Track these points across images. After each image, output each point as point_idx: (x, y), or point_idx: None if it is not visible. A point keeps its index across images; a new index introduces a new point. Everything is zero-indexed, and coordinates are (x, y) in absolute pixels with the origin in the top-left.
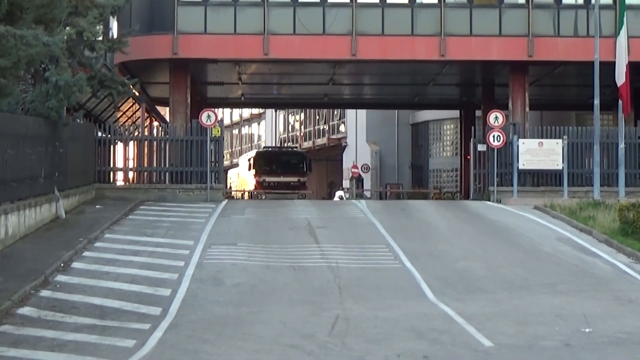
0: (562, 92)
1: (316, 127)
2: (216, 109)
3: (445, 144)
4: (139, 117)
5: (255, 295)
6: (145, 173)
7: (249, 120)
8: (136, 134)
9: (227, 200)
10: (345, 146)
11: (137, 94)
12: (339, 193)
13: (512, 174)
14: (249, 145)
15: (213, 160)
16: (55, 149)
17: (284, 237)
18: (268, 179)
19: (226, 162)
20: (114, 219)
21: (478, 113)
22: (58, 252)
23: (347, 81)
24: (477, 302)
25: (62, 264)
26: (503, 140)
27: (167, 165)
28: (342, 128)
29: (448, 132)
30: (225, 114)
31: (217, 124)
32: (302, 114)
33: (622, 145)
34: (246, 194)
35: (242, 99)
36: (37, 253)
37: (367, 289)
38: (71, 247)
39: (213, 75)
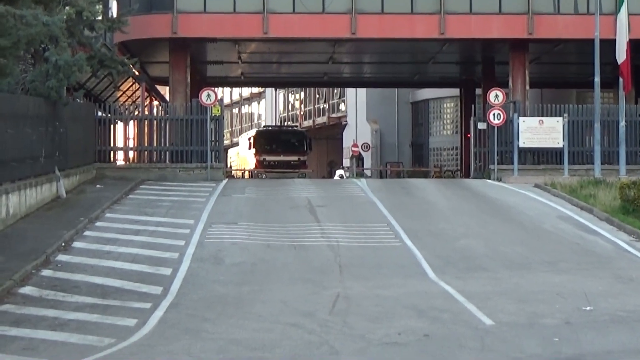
0: (563, 70)
1: (316, 106)
2: (216, 88)
3: (445, 122)
4: (138, 97)
5: (255, 274)
6: (146, 152)
7: (249, 99)
8: (136, 113)
9: (227, 179)
10: (345, 125)
11: (136, 73)
12: (339, 172)
13: (512, 152)
14: (249, 124)
15: (213, 139)
16: (55, 129)
17: (285, 216)
18: (268, 158)
19: (226, 141)
20: (115, 198)
21: (478, 91)
22: (59, 231)
23: (346, 60)
24: (478, 281)
25: (63, 244)
26: (503, 119)
27: (167, 145)
28: (342, 107)
29: (448, 110)
30: (225, 93)
31: (217, 103)
32: (302, 93)
33: (622, 123)
34: (246, 173)
35: (242, 78)
36: (38, 232)
37: (367, 267)
38: (72, 227)
39: (213, 54)
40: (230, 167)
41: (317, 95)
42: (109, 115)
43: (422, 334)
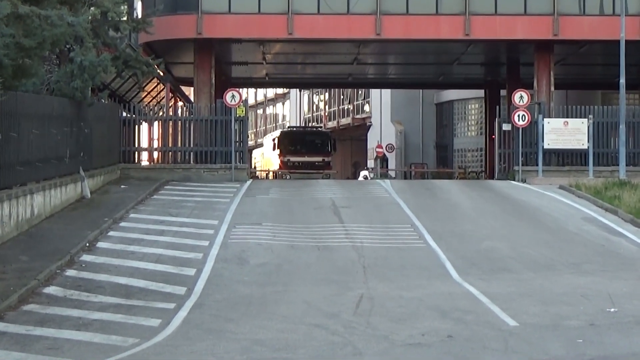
0: (588, 71)
1: (340, 107)
2: (240, 89)
3: (469, 123)
4: (163, 97)
5: (279, 275)
6: (170, 153)
7: (273, 100)
8: (161, 114)
9: (251, 180)
10: (369, 126)
11: (161, 74)
12: (363, 173)
13: (537, 154)
14: (274, 125)
15: (237, 140)
16: (80, 129)
17: (309, 217)
18: (292, 158)
19: (250, 142)
20: (139, 198)
21: (503, 92)
22: (83, 231)
23: (371, 61)
24: (502, 282)
25: (87, 244)
26: (528, 120)
27: (191, 145)
28: (366, 108)
29: (473, 111)
30: (250, 94)
31: (242, 103)
32: (327, 94)
33: None
34: (270, 173)
35: (267, 78)
36: (62, 232)
37: (391, 268)
38: (96, 227)
39: (237, 55)
40: (255, 167)
41: (342, 96)
42: (134, 115)
43: (446, 335)
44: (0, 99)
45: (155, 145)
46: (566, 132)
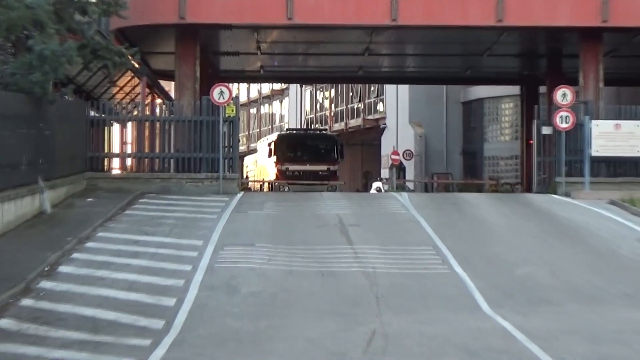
0: None
1: (349, 106)
2: (230, 84)
3: (503, 126)
4: (138, 94)
5: (276, 306)
6: (146, 160)
7: (269, 98)
8: (135, 113)
9: (243, 192)
10: (384, 128)
11: (136, 66)
12: (376, 184)
13: (583, 162)
14: (270, 127)
15: (227, 145)
16: (39, 131)
17: (311, 237)
18: (292, 167)
19: (242, 148)
20: (109, 214)
21: (542, 89)
22: (42, 253)
23: (386, 51)
24: (542, 316)
25: (47, 268)
26: (572, 122)
27: (171, 151)
28: (380, 107)
29: (507, 111)
30: (242, 90)
31: (232, 101)
32: (333, 90)
33: None
34: (266, 185)
35: (262, 72)
36: (17, 255)
37: (409, 299)
38: (58, 248)
39: (227, 43)
40: (247, 177)
41: (351, 93)
42: (104, 115)
43: None
44: None
45: (129, 150)
46: (618, 137)
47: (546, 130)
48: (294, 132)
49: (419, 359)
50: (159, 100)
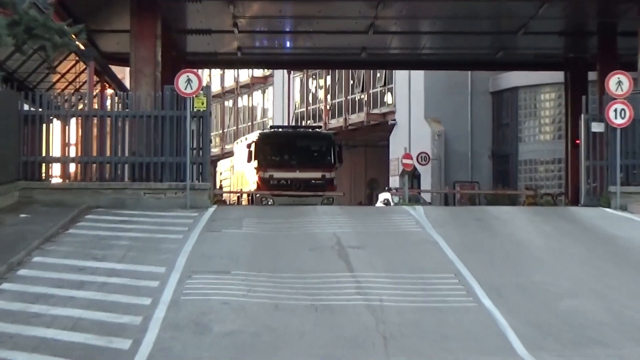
0: None
1: (349, 97)
2: (200, 70)
3: (542, 122)
4: (84, 83)
5: (257, 350)
6: (94, 166)
7: (248, 87)
8: (81, 107)
9: (216, 206)
10: (393, 125)
11: (82, 47)
12: (383, 196)
13: None
14: (249, 124)
15: (195, 146)
16: None
17: (302, 262)
18: (277, 174)
19: (215, 150)
20: (47, 234)
21: (592, 75)
22: None
23: (395, 28)
24: None
25: None
26: (630, 117)
27: (126, 155)
28: (388, 98)
29: (547, 104)
30: (214, 78)
31: (202, 92)
32: (329, 78)
33: None
34: (244, 196)
35: (239, 54)
36: None
37: (425, 339)
38: None
39: (195, 19)
40: (221, 187)
41: (352, 82)
42: (41, 110)
43: None
44: None
45: (73, 153)
46: None
47: (597, 127)
48: (280, 130)
49: None
50: (110, 91)
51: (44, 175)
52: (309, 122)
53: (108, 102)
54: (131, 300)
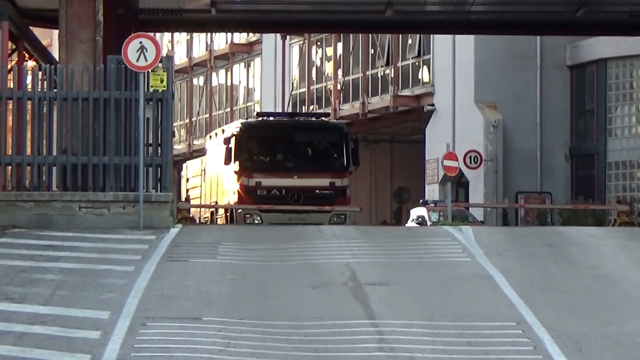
0: None
1: (369, 73)
2: (158, 35)
3: None
4: None
5: None
6: (8, 169)
7: (227, 59)
8: None
9: (180, 225)
10: (430, 113)
11: None
12: (417, 212)
13: None
14: (227, 110)
15: (152, 142)
16: None
17: (301, 305)
18: (267, 181)
19: (180, 147)
20: None
21: None
22: None
23: None
24: None
25: None
26: None
27: (54, 153)
28: (423, 75)
29: None
30: (179, 47)
31: (160, 65)
32: (340, 46)
33: None
34: (221, 212)
35: (214, 11)
36: None
37: None
38: None
39: None
40: (188, 199)
41: (372, 51)
42: None
43: None
44: None
45: None
46: None
47: None
48: (271, 119)
49: None
50: (30, 63)
51: None
52: (311, 108)
53: (28, 79)
54: (61, 358)
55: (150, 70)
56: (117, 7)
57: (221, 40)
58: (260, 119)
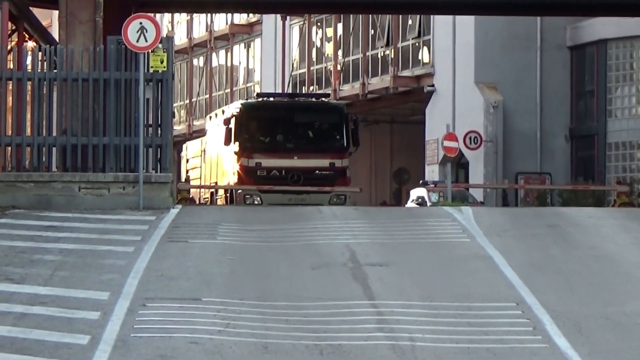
0: None
1: (369, 54)
2: (158, 16)
3: None
4: None
5: None
6: (8, 149)
7: (227, 40)
8: None
9: (180, 206)
10: (430, 93)
11: None
12: (417, 193)
13: None
14: (227, 91)
15: (152, 123)
16: None
17: (300, 286)
18: (267, 162)
19: (179, 128)
20: None
21: None
22: None
23: None
24: None
25: None
26: None
27: (54, 134)
28: (423, 55)
29: None
30: (179, 27)
31: (160, 45)
32: (340, 27)
33: None
34: (221, 193)
35: None
36: None
37: None
38: None
39: None
40: (188, 180)
41: (371, 32)
42: None
43: None
44: None
45: None
46: None
47: None
48: (271, 100)
49: None
50: (30, 44)
51: None
52: (311, 88)
53: (28, 60)
54: (61, 339)
55: (150, 51)
56: None
57: (221, 21)
58: (260, 99)
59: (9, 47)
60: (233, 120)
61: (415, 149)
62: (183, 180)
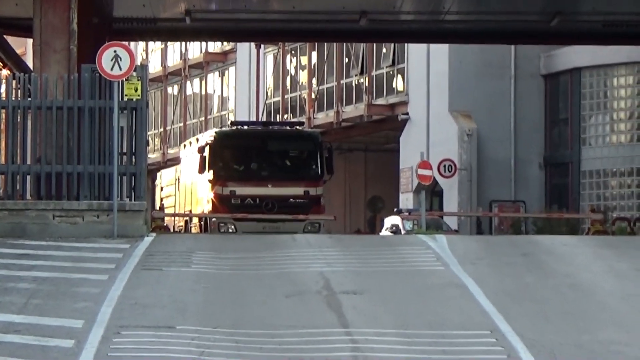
0: None
1: (343, 82)
2: (132, 44)
3: (616, 117)
4: None
5: None
6: None
7: (201, 68)
8: None
9: (154, 234)
10: (405, 122)
11: None
12: (391, 221)
13: None
14: (201, 119)
15: (126, 151)
16: None
17: (274, 314)
18: (241, 190)
19: (154, 156)
20: None
21: None
22: None
23: None
24: None
25: None
26: None
27: (28, 162)
28: (397, 83)
29: (623, 91)
30: (153, 56)
31: (134, 74)
32: (314, 55)
33: None
34: (195, 221)
35: (188, 20)
36: None
37: None
38: None
39: None
40: (162, 208)
41: (345, 60)
42: None
43: None
44: None
45: None
46: None
47: None
48: (245, 128)
49: None
50: (4, 72)
51: None
52: (286, 116)
53: (2, 88)
54: None
55: (124, 79)
56: (91, 16)
57: (196, 49)
58: (234, 127)
59: None
60: (207, 149)
61: (389, 177)
62: (157, 208)
